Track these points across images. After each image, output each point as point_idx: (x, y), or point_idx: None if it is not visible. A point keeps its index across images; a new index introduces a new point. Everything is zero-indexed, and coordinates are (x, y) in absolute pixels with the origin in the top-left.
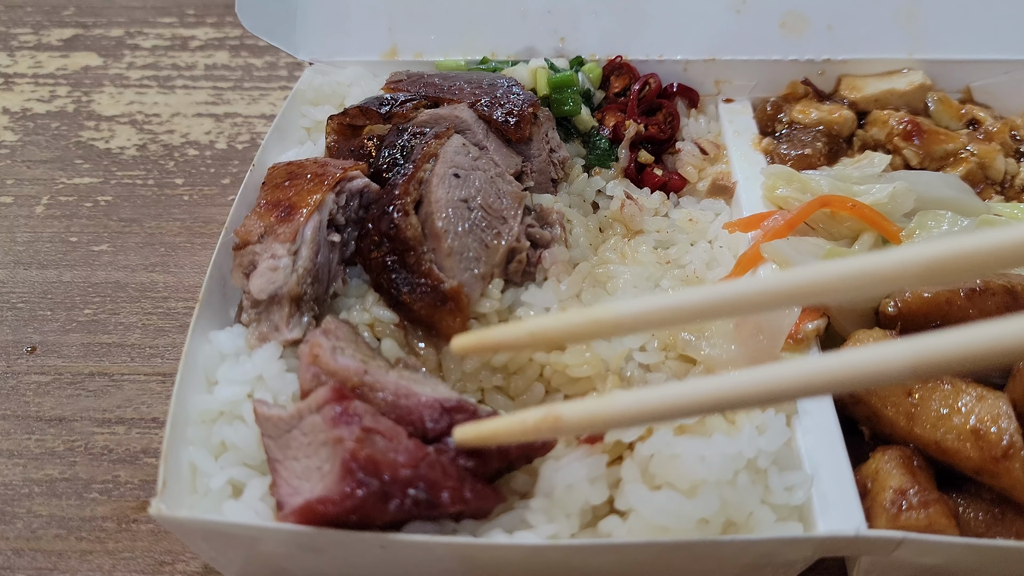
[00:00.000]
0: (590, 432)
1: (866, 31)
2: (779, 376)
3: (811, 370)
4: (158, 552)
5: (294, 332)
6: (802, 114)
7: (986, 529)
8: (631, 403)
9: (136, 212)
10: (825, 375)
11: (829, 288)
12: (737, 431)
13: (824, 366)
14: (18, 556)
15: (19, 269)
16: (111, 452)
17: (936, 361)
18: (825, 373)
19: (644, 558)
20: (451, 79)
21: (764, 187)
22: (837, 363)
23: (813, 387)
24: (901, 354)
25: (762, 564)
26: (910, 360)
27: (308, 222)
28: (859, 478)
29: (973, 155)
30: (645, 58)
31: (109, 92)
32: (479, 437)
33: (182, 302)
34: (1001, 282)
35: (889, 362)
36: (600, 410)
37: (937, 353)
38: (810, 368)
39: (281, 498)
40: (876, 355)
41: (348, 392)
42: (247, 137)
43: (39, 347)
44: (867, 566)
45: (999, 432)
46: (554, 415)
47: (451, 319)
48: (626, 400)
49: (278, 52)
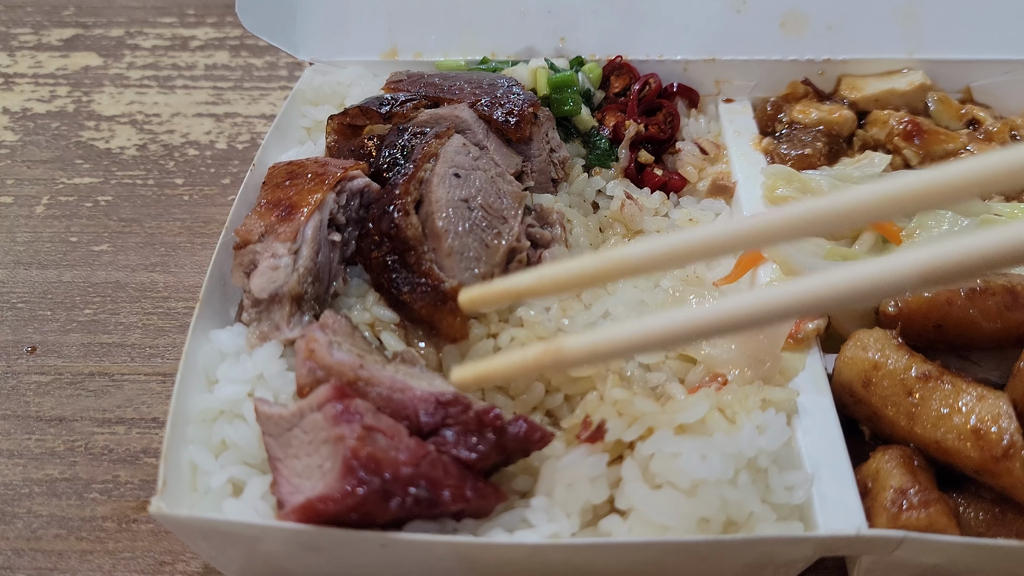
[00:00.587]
0: (592, 362)
1: (866, 31)
2: (784, 293)
3: (818, 285)
4: (158, 552)
5: (295, 331)
6: (802, 114)
7: (986, 529)
8: (632, 331)
9: (136, 212)
10: (832, 288)
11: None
12: (738, 430)
13: (832, 280)
14: (18, 556)
15: (19, 269)
16: (111, 452)
17: (944, 266)
18: (832, 287)
19: (644, 557)
20: (451, 79)
21: (764, 187)
22: (845, 276)
23: (820, 301)
24: (910, 262)
25: (762, 563)
26: (919, 267)
27: (309, 221)
28: (859, 478)
29: (973, 155)
30: (645, 58)
31: (109, 92)
32: (478, 376)
33: (182, 302)
34: (1002, 282)
35: (898, 271)
36: (601, 340)
37: (945, 258)
38: (817, 283)
39: (282, 497)
40: (885, 266)
41: (348, 390)
42: (247, 137)
43: (39, 347)
44: (868, 566)
45: (999, 432)
46: (555, 347)
47: (451, 319)
48: (627, 328)
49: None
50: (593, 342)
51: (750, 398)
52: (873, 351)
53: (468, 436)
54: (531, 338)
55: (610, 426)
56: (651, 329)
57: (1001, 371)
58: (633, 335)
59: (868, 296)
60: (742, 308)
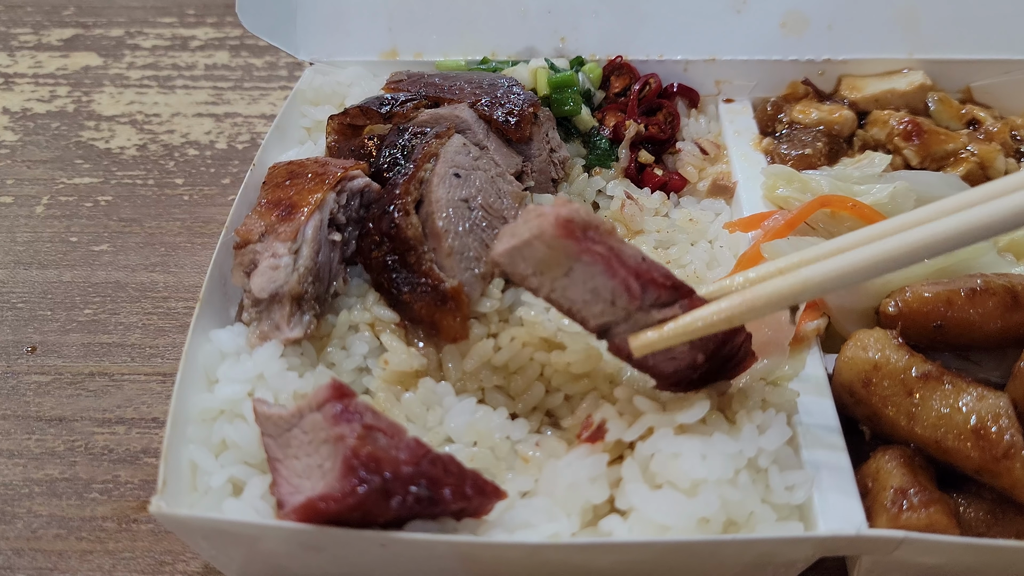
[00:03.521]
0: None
1: (866, 31)
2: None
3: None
4: (158, 552)
5: (295, 331)
6: (802, 114)
7: (987, 529)
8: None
9: (136, 212)
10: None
11: None
12: (738, 430)
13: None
14: (18, 556)
15: (19, 269)
16: (111, 452)
17: None
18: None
19: (645, 557)
20: (451, 79)
21: (764, 187)
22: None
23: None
24: None
25: (763, 563)
26: None
27: (309, 221)
28: (860, 478)
29: (973, 155)
30: (645, 58)
31: (109, 92)
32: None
33: (182, 302)
34: (1002, 282)
35: None
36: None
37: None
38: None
39: (282, 497)
40: None
41: (348, 390)
42: (247, 137)
43: (39, 347)
44: (868, 566)
45: (1000, 431)
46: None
47: (451, 319)
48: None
49: (278, 52)
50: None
51: (750, 398)
52: (873, 351)
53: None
54: (532, 338)
55: (610, 426)
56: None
57: (1001, 371)
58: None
59: None
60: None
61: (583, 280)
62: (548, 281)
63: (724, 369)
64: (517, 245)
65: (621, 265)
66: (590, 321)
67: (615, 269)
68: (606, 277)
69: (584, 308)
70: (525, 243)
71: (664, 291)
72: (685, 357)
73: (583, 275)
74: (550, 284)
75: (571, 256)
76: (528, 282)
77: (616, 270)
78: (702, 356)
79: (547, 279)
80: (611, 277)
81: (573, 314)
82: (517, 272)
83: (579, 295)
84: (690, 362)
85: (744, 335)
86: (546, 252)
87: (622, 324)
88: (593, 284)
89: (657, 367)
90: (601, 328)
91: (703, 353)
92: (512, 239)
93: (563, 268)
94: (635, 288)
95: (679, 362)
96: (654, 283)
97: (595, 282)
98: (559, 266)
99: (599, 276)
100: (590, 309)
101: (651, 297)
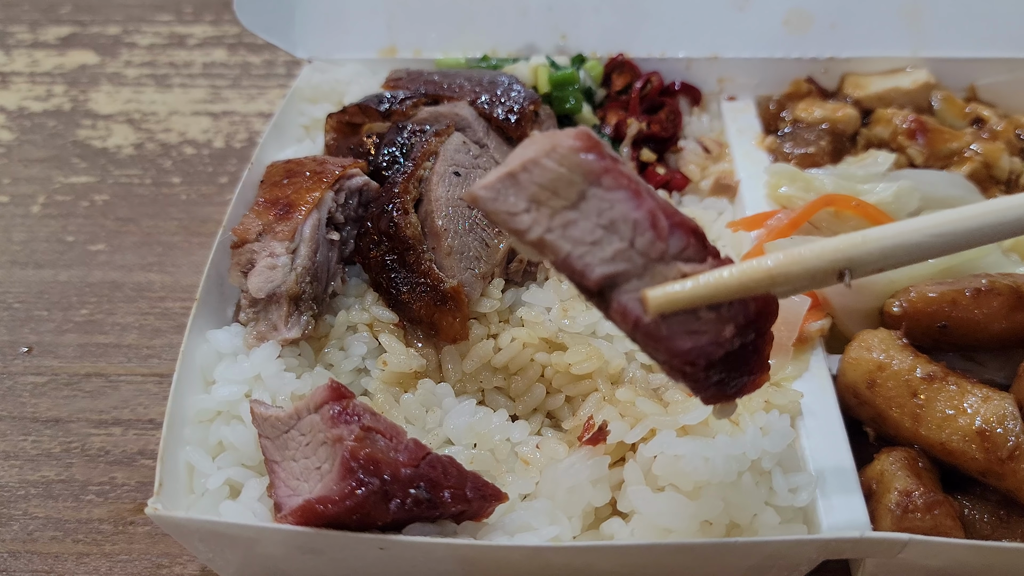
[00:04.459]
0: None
1: (870, 29)
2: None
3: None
4: (155, 554)
5: (292, 331)
6: (806, 112)
7: (992, 531)
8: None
9: (133, 211)
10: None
11: None
12: (741, 432)
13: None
14: (14, 558)
15: (15, 269)
16: (108, 454)
17: None
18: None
19: (647, 560)
20: (451, 76)
21: (768, 186)
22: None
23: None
24: None
25: (766, 566)
26: None
27: (307, 220)
28: (864, 480)
29: (978, 154)
30: (647, 56)
31: (106, 90)
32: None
33: (179, 302)
34: (1007, 282)
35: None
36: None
37: None
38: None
39: (279, 500)
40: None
41: (346, 391)
42: (245, 135)
43: (35, 347)
44: (872, 568)
45: (1005, 433)
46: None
47: (451, 319)
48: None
49: (276, 49)
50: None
51: (754, 399)
52: (878, 352)
53: None
54: (532, 338)
55: (612, 428)
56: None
57: (1006, 372)
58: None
59: None
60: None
61: (598, 211)
62: (547, 215)
63: (739, 373)
64: (513, 170)
65: (649, 195)
66: (593, 270)
67: (643, 197)
68: (631, 205)
69: (588, 253)
70: (527, 164)
71: (694, 240)
72: (710, 329)
73: (599, 204)
74: (548, 220)
75: (590, 176)
76: (517, 221)
77: (644, 198)
78: (732, 328)
79: (546, 212)
80: (638, 206)
81: (570, 263)
82: (504, 208)
83: (586, 233)
84: (714, 337)
85: (770, 331)
86: (557, 172)
87: (634, 278)
88: (611, 216)
89: (672, 340)
90: (606, 281)
91: (734, 324)
92: (504, 167)
93: (574, 194)
94: (663, 226)
95: (701, 336)
96: (684, 227)
97: (614, 212)
98: (569, 191)
99: (622, 204)
100: (598, 253)
101: (678, 244)
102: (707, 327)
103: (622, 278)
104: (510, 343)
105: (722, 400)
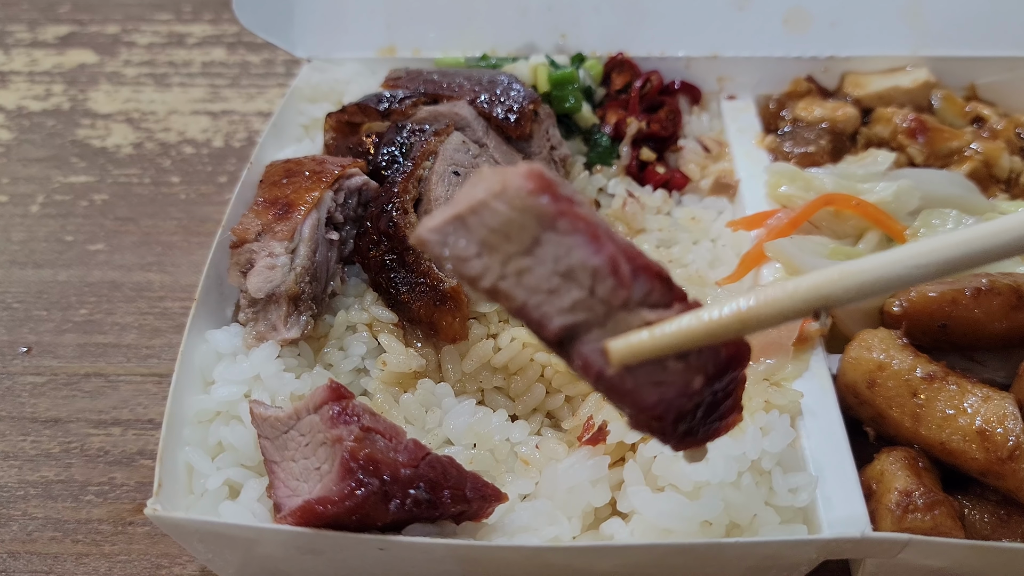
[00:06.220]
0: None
1: (870, 28)
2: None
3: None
4: (154, 555)
5: (292, 331)
6: (806, 111)
7: (992, 531)
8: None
9: (132, 211)
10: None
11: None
12: (741, 432)
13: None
14: (13, 559)
15: (14, 268)
16: (107, 454)
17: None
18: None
19: (646, 560)
20: (450, 76)
21: (767, 185)
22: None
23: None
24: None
25: (766, 567)
26: None
27: (306, 220)
28: (864, 480)
29: (978, 153)
30: (647, 55)
31: (105, 90)
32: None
33: (178, 302)
34: (1007, 281)
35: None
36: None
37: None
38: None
39: (279, 500)
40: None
41: (346, 391)
42: (244, 135)
43: (34, 347)
44: (872, 568)
45: (1005, 433)
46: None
47: (450, 319)
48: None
49: (275, 49)
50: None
51: (753, 399)
52: (878, 351)
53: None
54: (532, 338)
55: (612, 428)
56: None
57: (1007, 371)
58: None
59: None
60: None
61: (554, 257)
62: (499, 262)
63: (706, 422)
64: (460, 213)
65: (609, 237)
66: (552, 320)
67: (602, 241)
68: (590, 251)
69: (547, 302)
70: (476, 207)
71: (659, 284)
72: (678, 380)
73: (555, 250)
74: (501, 266)
75: (544, 220)
76: (467, 267)
77: (604, 243)
78: (701, 379)
79: (498, 258)
80: (597, 251)
81: (527, 313)
82: (453, 254)
83: (542, 281)
84: (682, 388)
85: (743, 374)
86: (508, 216)
87: (596, 328)
88: (568, 263)
89: (637, 392)
90: (565, 332)
91: (702, 375)
92: (451, 208)
93: (527, 239)
94: (625, 272)
95: (667, 388)
96: (648, 271)
97: (572, 259)
98: (522, 236)
99: (580, 250)
100: (556, 302)
101: (642, 289)
102: (674, 378)
103: (583, 328)
104: (510, 343)
105: (691, 447)
